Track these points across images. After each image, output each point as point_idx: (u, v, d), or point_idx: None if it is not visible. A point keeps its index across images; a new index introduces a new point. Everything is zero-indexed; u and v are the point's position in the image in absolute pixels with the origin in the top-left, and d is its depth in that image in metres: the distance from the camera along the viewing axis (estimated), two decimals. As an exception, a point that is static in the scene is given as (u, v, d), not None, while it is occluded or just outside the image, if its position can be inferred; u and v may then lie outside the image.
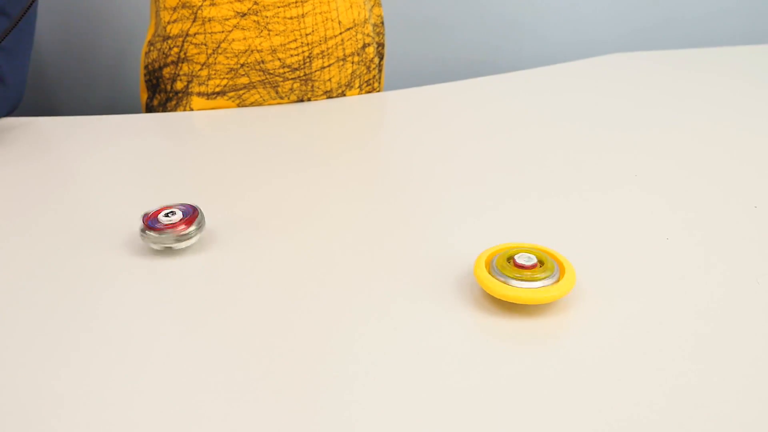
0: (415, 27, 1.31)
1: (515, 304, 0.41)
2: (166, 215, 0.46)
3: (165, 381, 0.35)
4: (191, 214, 0.47)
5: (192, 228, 0.46)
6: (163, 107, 0.84)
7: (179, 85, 0.80)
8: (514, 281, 0.40)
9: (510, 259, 0.41)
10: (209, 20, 0.75)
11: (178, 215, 0.46)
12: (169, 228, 0.45)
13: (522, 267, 0.40)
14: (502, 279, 0.40)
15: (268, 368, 0.36)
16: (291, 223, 0.51)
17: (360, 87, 0.83)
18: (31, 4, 0.62)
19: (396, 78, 1.29)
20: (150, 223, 0.46)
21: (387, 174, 0.60)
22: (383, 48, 0.89)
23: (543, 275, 0.40)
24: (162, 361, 0.37)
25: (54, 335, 0.39)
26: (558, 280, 0.40)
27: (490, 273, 0.41)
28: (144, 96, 0.87)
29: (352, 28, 0.79)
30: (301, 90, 0.80)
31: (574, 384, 0.35)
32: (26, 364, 0.37)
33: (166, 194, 0.56)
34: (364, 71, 0.83)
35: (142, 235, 0.45)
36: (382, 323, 0.40)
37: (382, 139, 0.70)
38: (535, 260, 0.41)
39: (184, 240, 0.46)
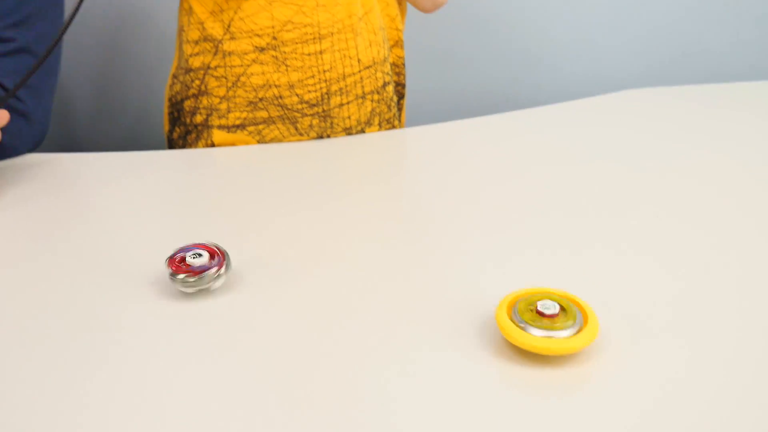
0: (433, 60, 1.31)
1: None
2: (193, 256, 0.45)
3: (184, 421, 0.35)
4: (219, 256, 0.46)
5: (222, 270, 0.45)
6: (183, 140, 0.84)
7: (199, 119, 0.81)
8: (536, 329, 0.39)
9: (533, 305, 0.40)
10: (229, 54, 0.75)
11: (205, 256, 0.46)
12: (202, 270, 0.44)
13: (544, 315, 0.39)
14: (523, 326, 0.39)
15: (289, 415, 0.35)
16: (311, 263, 0.50)
17: (380, 125, 0.83)
18: (57, 42, 0.63)
19: (414, 112, 1.29)
20: (177, 266, 0.45)
21: (408, 213, 0.59)
22: (403, 88, 0.89)
23: (565, 324, 0.39)
24: (183, 400, 0.36)
25: (78, 378, 0.38)
26: (580, 330, 0.39)
27: (511, 320, 0.40)
28: (166, 129, 0.88)
29: (371, 66, 0.79)
30: (320, 126, 0.80)
31: (599, 441, 0.34)
32: (50, 409, 0.36)
33: (189, 232, 0.55)
34: (385, 110, 0.83)
35: (172, 279, 0.45)
36: (401, 370, 0.39)
37: (403, 177, 0.70)
38: (557, 308, 0.40)
39: (215, 282, 0.45)
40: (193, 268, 0.45)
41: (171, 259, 0.46)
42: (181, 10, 0.79)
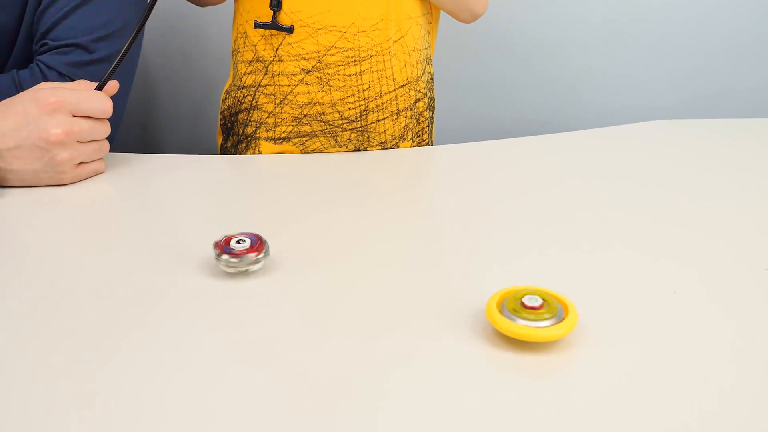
0: (471, 86, 1.38)
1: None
2: (237, 242, 0.53)
3: (214, 373, 0.42)
4: (258, 242, 0.54)
5: (261, 256, 0.53)
6: (235, 149, 0.93)
7: (249, 130, 0.89)
8: (521, 320, 0.45)
9: (519, 300, 0.47)
10: (278, 74, 0.84)
11: (248, 242, 0.53)
12: (243, 253, 0.52)
13: (528, 307, 0.46)
14: (510, 318, 0.45)
15: (295, 387, 0.42)
16: (335, 255, 0.58)
17: (412, 139, 0.90)
18: (128, 47, 0.72)
19: (449, 134, 1.36)
20: (222, 249, 0.53)
21: (427, 220, 0.66)
22: (433, 101, 0.96)
23: (547, 315, 0.45)
24: (216, 359, 0.44)
25: (131, 336, 0.46)
26: (560, 321, 0.45)
27: (500, 312, 0.46)
28: (219, 138, 0.97)
29: (405, 85, 0.86)
30: (358, 140, 0.87)
31: (574, 416, 0.40)
32: (102, 365, 0.44)
33: (235, 223, 0.63)
34: (414, 123, 0.90)
35: (217, 260, 0.52)
36: (404, 352, 0.46)
37: (427, 189, 0.76)
38: (540, 302, 0.46)
39: (253, 265, 0.53)
40: (235, 252, 0.52)
41: (218, 243, 0.53)
42: (235, 32, 0.89)
